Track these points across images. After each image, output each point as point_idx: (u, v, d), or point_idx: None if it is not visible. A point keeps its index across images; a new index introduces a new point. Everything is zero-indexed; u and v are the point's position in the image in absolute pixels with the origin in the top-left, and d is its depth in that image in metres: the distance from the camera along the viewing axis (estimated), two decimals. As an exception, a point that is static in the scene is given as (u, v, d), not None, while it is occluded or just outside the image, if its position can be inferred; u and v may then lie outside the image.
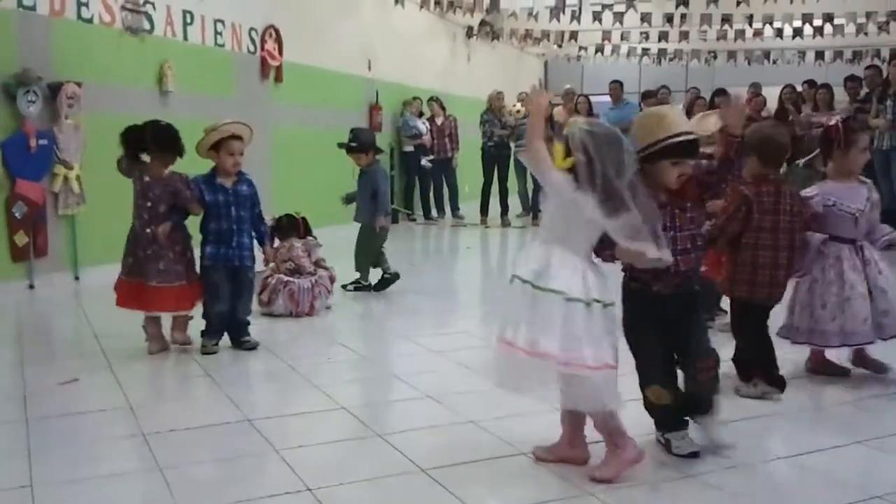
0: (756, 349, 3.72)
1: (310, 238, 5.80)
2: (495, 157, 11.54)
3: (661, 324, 2.93)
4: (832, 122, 3.94)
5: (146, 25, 7.12)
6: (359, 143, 6.39)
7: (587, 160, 2.62)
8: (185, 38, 7.64)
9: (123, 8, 6.87)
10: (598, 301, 2.68)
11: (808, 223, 3.79)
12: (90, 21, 6.57)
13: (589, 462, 2.86)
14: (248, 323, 4.65)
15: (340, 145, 6.43)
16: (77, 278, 6.44)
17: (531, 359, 2.63)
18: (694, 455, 2.91)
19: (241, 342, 4.56)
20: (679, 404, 2.96)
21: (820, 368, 4.01)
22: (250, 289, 4.69)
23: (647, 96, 11.93)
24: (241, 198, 4.51)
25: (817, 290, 3.87)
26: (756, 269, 3.60)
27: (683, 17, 12.78)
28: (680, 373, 3.01)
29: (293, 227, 5.81)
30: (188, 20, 7.66)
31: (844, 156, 3.85)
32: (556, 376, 2.70)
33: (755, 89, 11.29)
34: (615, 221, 2.62)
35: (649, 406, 2.97)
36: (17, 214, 5.93)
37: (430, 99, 12.02)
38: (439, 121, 11.90)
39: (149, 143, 4.36)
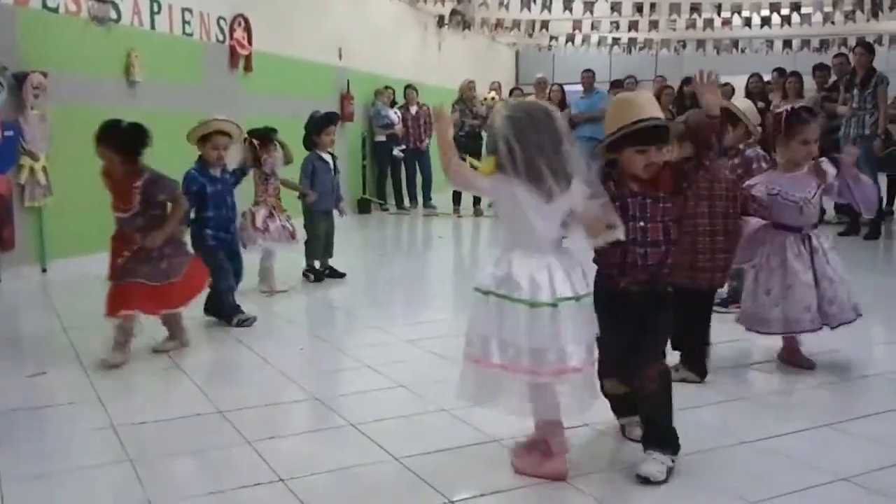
0: (692, 336, 3.66)
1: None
2: (467, 147, 11.50)
3: (625, 319, 2.78)
4: (779, 111, 3.99)
5: (112, 14, 7.03)
6: None
7: (508, 146, 2.50)
8: (153, 26, 7.55)
9: (89, -3, 6.78)
10: (567, 298, 2.55)
11: (744, 208, 3.81)
12: (56, 10, 6.47)
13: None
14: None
15: (331, 118, 6.40)
16: (44, 271, 6.36)
17: (502, 372, 2.55)
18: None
19: (242, 321, 4.80)
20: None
21: (790, 358, 4.02)
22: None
23: (615, 86, 11.99)
24: (229, 186, 4.97)
25: (761, 277, 3.93)
26: (696, 254, 3.59)
27: (653, 6, 12.86)
28: None
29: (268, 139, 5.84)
30: (155, 9, 7.57)
31: (786, 145, 3.89)
32: (525, 387, 2.61)
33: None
34: (558, 201, 2.55)
35: (604, 393, 2.90)
36: (-18, 207, 5.85)
37: (407, 87, 12.00)
38: (413, 110, 11.88)
39: None
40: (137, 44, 7.26)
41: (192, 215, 4.73)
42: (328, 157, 6.29)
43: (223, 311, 4.84)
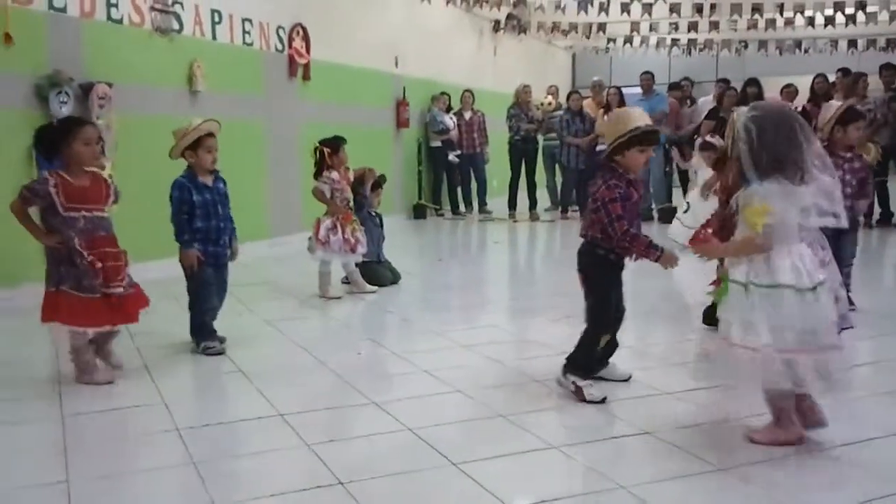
0: None
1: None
2: (522, 152, 11.51)
3: (617, 286, 3.65)
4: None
5: (175, 25, 7.18)
6: None
7: (750, 145, 2.84)
8: (214, 37, 7.69)
9: (153, 8, 6.93)
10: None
11: None
12: (120, 22, 6.63)
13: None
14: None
15: (378, 181, 6.59)
16: (111, 276, 6.49)
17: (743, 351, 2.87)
18: (604, 401, 3.46)
19: (207, 348, 4.41)
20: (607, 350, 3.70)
21: None
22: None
23: (673, 88, 11.85)
24: (223, 196, 4.52)
25: None
26: None
27: (713, 6, 12.64)
28: None
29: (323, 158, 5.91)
30: (216, 19, 7.71)
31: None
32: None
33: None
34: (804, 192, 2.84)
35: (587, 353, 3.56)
36: (51, 214, 5.99)
37: (465, 91, 12.01)
38: (467, 115, 11.89)
39: None
40: (199, 54, 7.40)
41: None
42: (375, 214, 6.54)
43: (194, 332, 4.45)
